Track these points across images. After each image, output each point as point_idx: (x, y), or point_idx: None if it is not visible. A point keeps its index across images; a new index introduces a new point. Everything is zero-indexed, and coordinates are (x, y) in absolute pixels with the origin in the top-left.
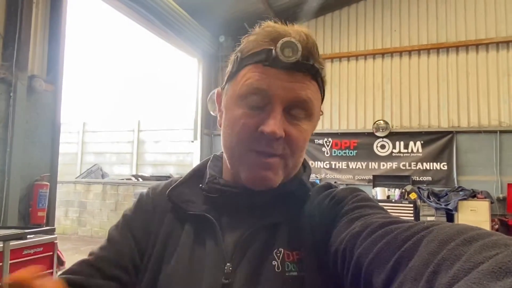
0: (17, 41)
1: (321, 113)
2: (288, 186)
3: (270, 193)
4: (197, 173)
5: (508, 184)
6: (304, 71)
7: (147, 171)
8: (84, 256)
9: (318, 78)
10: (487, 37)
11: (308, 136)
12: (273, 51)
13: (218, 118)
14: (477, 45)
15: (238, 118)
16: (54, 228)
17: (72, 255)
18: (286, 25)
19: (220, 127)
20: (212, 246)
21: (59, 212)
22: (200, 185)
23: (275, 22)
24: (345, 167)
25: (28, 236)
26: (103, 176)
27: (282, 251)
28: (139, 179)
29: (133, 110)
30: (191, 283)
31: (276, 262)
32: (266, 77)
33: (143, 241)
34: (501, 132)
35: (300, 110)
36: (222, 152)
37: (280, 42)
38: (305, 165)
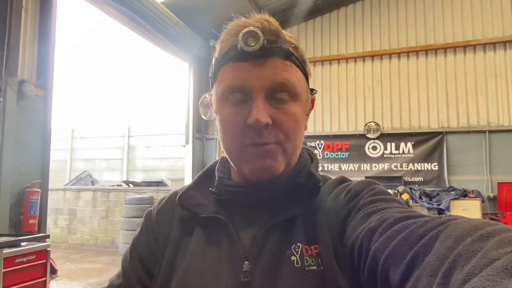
0: (6, 46)
1: (314, 91)
2: (297, 178)
3: (280, 187)
4: (206, 177)
5: (498, 183)
6: (273, 55)
7: (138, 177)
8: (76, 264)
9: (291, 57)
10: (474, 38)
11: (299, 117)
12: (238, 45)
13: (216, 122)
14: (465, 47)
15: (226, 118)
16: (48, 235)
17: (62, 264)
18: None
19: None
20: (227, 245)
21: (48, 220)
22: (210, 188)
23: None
24: (338, 169)
25: (21, 244)
26: (93, 183)
27: (301, 246)
28: (130, 185)
29: (123, 115)
30: (207, 283)
31: (295, 257)
32: (240, 73)
33: (149, 259)
34: (490, 132)
35: (283, 92)
36: None
37: (240, 34)
38: (312, 157)
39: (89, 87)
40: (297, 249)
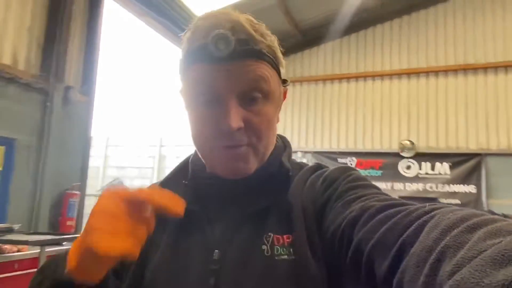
0: (55, 53)
1: (286, 82)
2: (269, 169)
3: (252, 179)
4: (181, 169)
5: None
6: (244, 57)
7: None
8: None
9: (263, 56)
10: None
11: (272, 115)
12: (207, 46)
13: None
14: (506, 67)
15: (198, 118)
16: None
17: None
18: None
19: None
20: (198, 236)
21: (83, 224)
22: (184, 181)
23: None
24: None
25: (63, 243)
26: None
27: (272, 236)
28: None
29: (156, 125)
30: (178, 273)
31: (265, 247)
32: (208, 75)
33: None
34: None
35: (254, 91)
36: None
37: (210, 37)
38: (285, 145)
39: (125, 96)
40: (268, 239)
